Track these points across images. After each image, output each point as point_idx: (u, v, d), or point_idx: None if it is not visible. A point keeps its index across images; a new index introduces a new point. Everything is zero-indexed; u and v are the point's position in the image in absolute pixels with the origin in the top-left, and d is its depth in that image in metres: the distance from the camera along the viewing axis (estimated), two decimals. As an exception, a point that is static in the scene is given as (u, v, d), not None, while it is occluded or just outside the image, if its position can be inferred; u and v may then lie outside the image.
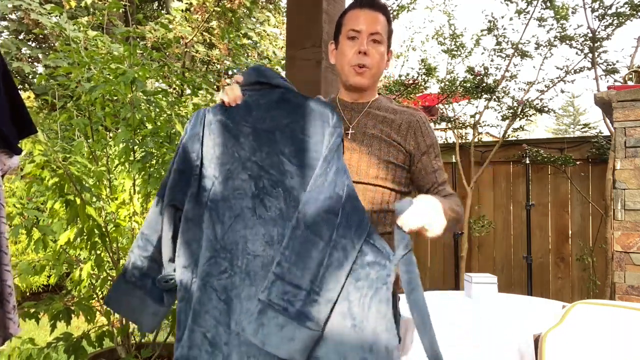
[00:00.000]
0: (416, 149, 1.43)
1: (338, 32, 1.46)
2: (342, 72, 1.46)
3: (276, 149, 1.27)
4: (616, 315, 1.73)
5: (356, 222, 1.16)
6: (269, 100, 1.31)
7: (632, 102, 2.75)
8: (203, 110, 1.36)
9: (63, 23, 2.65)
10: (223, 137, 1.31)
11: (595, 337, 1.69)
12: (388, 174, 1.41)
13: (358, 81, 1.43)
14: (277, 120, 1.29)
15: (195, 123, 1.35)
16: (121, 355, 2.53)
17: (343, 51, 1.43)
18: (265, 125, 1.29)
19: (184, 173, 1.32)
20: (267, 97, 1.31)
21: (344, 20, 1.44)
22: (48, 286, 4.64)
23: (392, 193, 1.42)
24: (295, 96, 1.31)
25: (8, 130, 1.52)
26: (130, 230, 2.51)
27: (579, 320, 1.75)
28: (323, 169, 1.21)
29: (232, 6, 6.25)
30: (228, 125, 1.31)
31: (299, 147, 1.26)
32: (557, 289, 4.10)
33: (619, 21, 3.95)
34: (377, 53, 1.41)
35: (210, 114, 1.34)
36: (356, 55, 1.40)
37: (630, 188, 2.74)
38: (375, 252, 1.15)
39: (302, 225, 1.17)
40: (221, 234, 1.27)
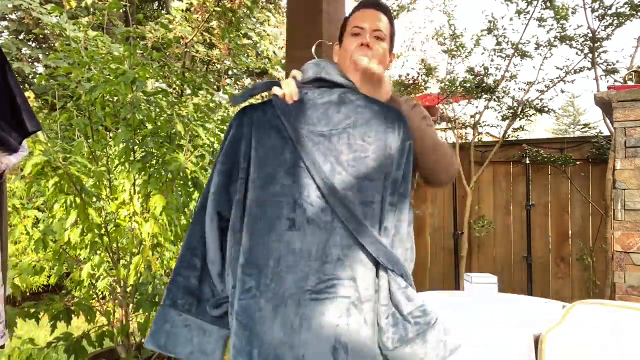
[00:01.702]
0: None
1: (342, 33, 1.48)
2: (345, 67, 1.45)
3: (330, 154, 1.13)
4: (616, 315, 1.73)
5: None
6: (328, 101, 1.18)
7: (632, 102, 2.75)
8: (251, 107, 1.23)
9: (63, 23, 2.65)
10: (270, 138, 1.16)
11: (595, 337, 1.69)
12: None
13: (359, 73, 1.42)
14: (335, 123, 1.16)
15: (242, 121, 1.21)
16: (121, 355, 2.53)
17: (346, 47, 1.43)
18: (321, 128, 1.15)
19: (229, 176, 1.19)
20: (326, 96, 1.19)
21: (348, 21, 1.47)
22: (48, 286, 4.64)
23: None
24: (357, 97, 1.20)
25: (6, 128, 1.51)
26: (130, 230, 2.51)
27: (579, 320, 1.75)
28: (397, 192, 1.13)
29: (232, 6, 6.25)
30: (278, 125, 1.17)
31: (356, 155, 1.14)
32: (557, 289, 4.10)
33: (619, 21, 3.95)
34: (380, 48, 1.42)
35: (259, 111, 1.21)
36: (358, 48, 1.40)
37: (630, 188, 2.74)
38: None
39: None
40: (250, 247, 1.12)
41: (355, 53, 1.36)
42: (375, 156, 1.13)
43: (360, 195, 1.12)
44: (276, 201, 1.13)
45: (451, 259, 4.45)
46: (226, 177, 1.19)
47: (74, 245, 2.45)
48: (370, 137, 1.14)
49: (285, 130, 1.16)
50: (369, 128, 1.15)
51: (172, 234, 2.53)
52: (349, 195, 1.11)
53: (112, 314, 2.59)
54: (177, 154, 2.42)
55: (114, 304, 2.68)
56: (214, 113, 3.03)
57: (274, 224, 1.11)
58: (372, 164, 1.13)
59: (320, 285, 1.09)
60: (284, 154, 1.15)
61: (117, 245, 2.56)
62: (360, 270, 1.11)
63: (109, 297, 2.83)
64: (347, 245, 1.10)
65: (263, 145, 1.16)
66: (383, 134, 1.15)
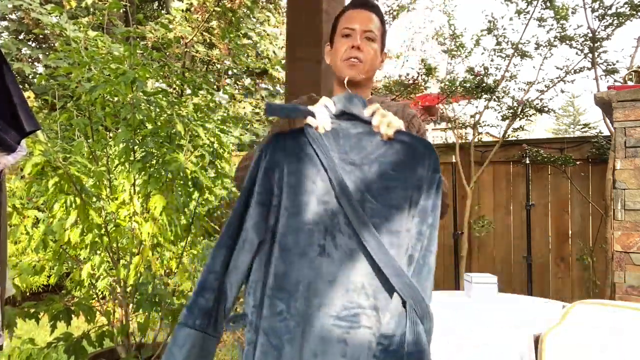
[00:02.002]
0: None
1: (333, 33, 1.49)
2: (336, 68, 1.47)
3: (361, 184, 1.16)
4: (616, 315, 1.73)
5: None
6: (361, 131, 1.20)
7: (632, 102, 2.75)
8: (282, 135, 1.25)
9: (63, 23, 2.65)
10: (302, 166, 1.20)
11: (595, 337, 1.69)
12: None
13: (351, 74, 1.44)
14: (367, 152, 1.19)
15: (275, 149, 1.23)
16: (121, 355, 2.53)
17: (337, 48, 1.45)
18: (352, 157, 1.18)
19: (267, 206, 1.21)
20: (359, 127, 1.21)
21: (338, 22, 1.48)
22: (48, 286, 4.64)
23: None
24: None
25: (3, 127, 1.51)
26: (130, 230, 2.51)
27: (579, 320, 1.75)
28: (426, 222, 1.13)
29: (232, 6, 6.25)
30: (310, 153, 1.20)
31: (386, 185, 1.16)
32: (557, 289, 4.10)
33: (619, 21, 3.95)
34: (371, 49, 1.44)
35: (290, 139, 1.23)
36: (349, 50, 1.42)
37: (630, 188, 2.74)
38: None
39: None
40: (282, 271, 1.16)
41: (346, 55, 1.40)
42: (404, 186, 1.16)
43: (388, 224, 1.14)
44: (308, 229, 1.17)
45: (451, 259, 4.45)
46: (265, 207, 1.21)
47: (74, 245, 2.44)
48: (400, 168, 1.17)
49: (317, 158, 1.19)
50: (399, 159, 1.18)
51: (172, 234, 2.53)
52: (377, 224, 1.13)
53: (112, 314, 2.58)
54: (177, 154, 2.42)
55: (114, 304, 2.68)
56: (214, 113, 3.03)
57: (306, 250, 1.15)
58: (402, 194, 1.15)
59: (344, 312, 1.12)
60: (316, 182, 1.18)
61: (117, 245, 2.56)
62: (382, 301, 1.12)
63: (109, 297, 2.83)
64: (371, 274, 1.12)
65: (295, 173, 1.20)
66: (413, 165, 1.17)
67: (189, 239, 2.76)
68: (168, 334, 2.73)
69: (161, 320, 2.69)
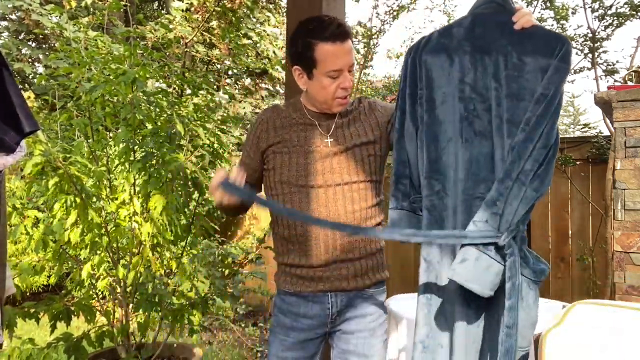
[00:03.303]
0: (380, 122, 1.56)
1: (311, 65, 1.44)
2: (324, 102, 1.50)
3: (489, 70, 1.25)
4: (616, 315, 1.73)
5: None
6: (496, 20, 1.27)
7: (632, 102, 2.75)
8: (425, 37, 1.38)
9: (63, 23, 2.65)
10: (440, 59, 1.31)
11: (595, 337, 1.69)
12: (370, 167, 1.52)
13: (341, 108, 1.51)
14: (497, 40, 1.25)
15: (417, 50, 1.36)
16: (121, 355, 2.53)
17: (324, 86, 1.45)
18: (484, 44, 1.26)
19: (413, 96, 1.36)
20: (496, 16, 1.28)
21: (317, 56, 1.41)
22: (48, 286, 4.64)
23: (377, 183, 1.55)
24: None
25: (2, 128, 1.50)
26: (130, 230, 2.51)
27: (579, 320, 1.75)
28: (540, 109, 1.18)
29: (232, 6, 6.25)
30: (447, 45, 1.31)
31: (512, 73, 1.22)
32: (557, 289, 4.10)
33: (619, 21, 3.95)
34: (352, 77, 1.49)
35: (434, 37, 1.35)
36: (339, 90, 1.45)
37: (630, 188, 2.74)
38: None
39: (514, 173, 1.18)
40: (435, 157, 1.29)
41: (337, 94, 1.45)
42: (529, 76, 1.22)
43: (512, 110, 1.22)
44: (450, 117, 1.28)
45: (451, 259, 4.45)
46: (412, 99, 1.36)
47: (74, 245, 2.44)
48: (526, 57, 1.22)
49: (452, 48, 1.30)
50: (527, 48, 1.23)
51: (172, 234, 2.52)
52: (502, 111, 1.23)
53: (112, 314, 2.58)
54: (177, 154, 2.42)
55: (114, 304, 2.68)
56: (214, 113, 3.03)
57: (450, 138, 1.28)
58: (525, 84, 1.21)
59: (479, 193, 1.24)
60: (452, 72, 1.29)
61: (117, 245, 2.56)
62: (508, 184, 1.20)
63: (109, 297, 2.83)
64: (502, 159, 1.22)
65: (434, 67, 1.31)
66: (541, 56, 1.21)
67: (189, 239, 2.76)
68: (168, 334, 2.73)
69: (161, 320, 2.69)
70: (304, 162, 1.48)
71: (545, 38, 1.22)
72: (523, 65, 1.21)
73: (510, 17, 1.26)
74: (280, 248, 1.56)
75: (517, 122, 1.20)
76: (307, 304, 1.51)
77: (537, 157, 1.18)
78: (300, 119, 1.54)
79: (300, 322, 1.52)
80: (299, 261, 1.50)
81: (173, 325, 2.66)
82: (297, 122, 1.53)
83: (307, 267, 1.49)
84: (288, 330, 1.53)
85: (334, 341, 1.58)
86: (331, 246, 1.48)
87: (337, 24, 1.41)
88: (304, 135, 1.51)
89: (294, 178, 1.48)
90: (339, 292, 1.50)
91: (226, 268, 3.27)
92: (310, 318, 1.52)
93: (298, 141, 1.50)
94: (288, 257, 1.53)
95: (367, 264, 1.51)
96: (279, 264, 1.59)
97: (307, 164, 1.48)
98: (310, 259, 1.48)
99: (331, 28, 1.40)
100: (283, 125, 1.53)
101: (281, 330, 1.54)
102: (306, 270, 1.50)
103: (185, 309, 2.64)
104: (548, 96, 1.18)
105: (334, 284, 1.49)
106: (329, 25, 1.40)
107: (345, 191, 1.48)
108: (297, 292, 1.52)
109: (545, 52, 1.20)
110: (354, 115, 1.56)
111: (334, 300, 1.50)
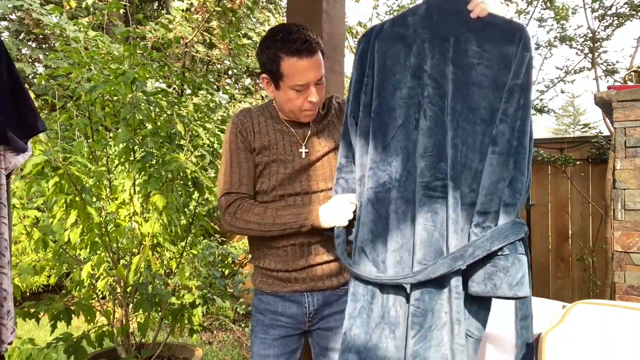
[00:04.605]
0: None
1: (277, 77, 1.43)
2: (291, 112, 1.50)
3: (448, 56, 1.21)
4: (616, 315, 1.73)
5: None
6: (453, 8, 1.25)
7: (632, 102, 2.75)
8: (376, 26, 1.35)
9: (63, 23, 2.65)
10: (396, 47, 1.28)
11: (595, 337, 1.69)
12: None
13: (309, 120, 1.52)
14: (456, 27, 1.22)
15: (369, 39, 1.34)
16: (121, 355, 2.53)
17: (289, 99, 1.45)
18: (443, 31, 1.24)
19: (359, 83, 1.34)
20: (452, 4, 1.26)
21: (282, 69, 1.40)
22: (48, 286, 4.64)
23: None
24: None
25: (14, 128, 1.51)
26: (130, 230, 2.51)
27: (579, 320, 1.75)
28: (518, 98, 1.15)
29: (232, 6, 6.25)
30: (404, 35, 1.28)
31: (471, 61, 1.20)
32: (557, 289, 4.10)
33: (619, 21, 3.96)
34: (322, 90, 1.47)
35: (387, 26, 1.32)
36: (306, 104, 1.45)
37: (630, 188, 2.74)
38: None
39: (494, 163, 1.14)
40: (382, 145, 1.25)
41: (303, 107, 1.44)
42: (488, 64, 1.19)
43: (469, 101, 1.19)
44: (403, 103, 1.24)
45: (451, 259, 4.45)
46: (357, 85, 1.34)
47: (74, 245, 2.44)
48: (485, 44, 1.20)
49: (409, 37, 1.27)
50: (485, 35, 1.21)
51: (172, 234, 2.52)
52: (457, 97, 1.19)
53: (112, 314, 2.58)
54: (177, 154, 2.41)
55: (114, 304, 2.68)
56: (214, 113, 3.03)
57: (402, 124, 1.24)
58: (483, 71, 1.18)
59: (435, 182, 1.18)
60: (409, 59, 1.25)
61: (117, 245, 2.56)
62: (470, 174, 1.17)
63: (109, 297, 2.83)
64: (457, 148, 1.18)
65: (389, 55, 1.28)
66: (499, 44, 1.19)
67: (189, 239, 2.76)
68: (168, 334, 2.73)
69: (161, 320, 2.69)
70: (283, 172, 1.49)
71: (503, 26, 1.20)
72: (482, 53, 1.18)
73: (466, 6, 1.24)
74: (255, 252, 1.57)
75: (476, 108, 1.18)
76: (284, 303, 1.53)
77: (526, 146, 1.16)
78: (277, 125, 1.53)
79: (279, 320, 1.54)
80: (274, 266, 1.51)
81: (173, 325, 2.66)
82: (273, 129, 1.52)
83: (282, 271, 1.51)
84: (267, 328, 1.55)
85: (314, 339, 1.60)
86: (306, 250, 1.49)
87: (303, 39, 1.37)
88: (281, 143, 1.51)
89: (272, 187, 1.49)
90: (315, 291, 1.53)
91: (226, 268, 3.27)
92: (288, 317, 1.54)
93: (277, 149, 1.50)
94: (264, 261, 1.54)
95: (342, 264, 1.50)
96: (255, 266, 1.60)
97: (285, 173, 1.49)
98: (287, 264, 1.50)
99: (297, 43, 1.37)
100: (261, 131, 1.52)
101: (261, 329, 1.55)
102: (282, 273, 1.52)
103: (185, 309, 2.64)
104: (523, 86, 1.16)
105: (309, 284, 1.51)
106: (296, 39, 1.37)
107: (321, 198, 1.49)
108: (274, 292, 1.54)
109: (504, 39, 1.18)
110: (327, 121, 1.56)
111: (310, 299, 1.53)
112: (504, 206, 1.14)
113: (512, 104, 1.15)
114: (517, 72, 1.16)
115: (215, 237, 4.11)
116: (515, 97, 1.15)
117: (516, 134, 1.15)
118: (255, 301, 1.59)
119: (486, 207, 1.14)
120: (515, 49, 1.17)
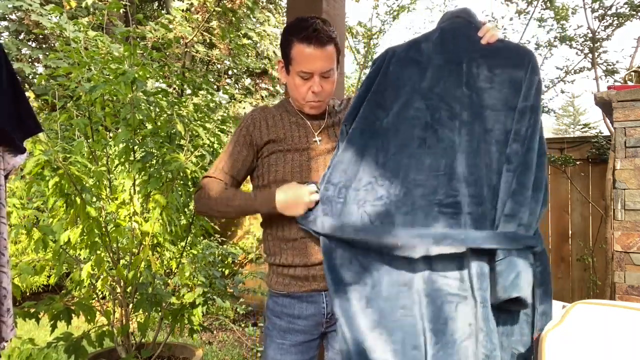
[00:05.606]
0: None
1: (288, 61, 1.49)
2: (296, 101, 1.55)
3: (460, 81, 1.26)
4: (616, 315, 1.73)
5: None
6: (465, 33, 1.31)
7: (632, 102, 2.75)
8: (392, 49, 1.40)
9: (63, 23, 2.64)
10: (409, 71, 1.33)
11: (595, 337, 1.69)
12: None
13: (313, 112, 1.55)
14: (468, 51, 1.28)
15: (382, 61, 1.39)
16: (121, 355, 2.53)
17: (295, 85, 1.48)
18: (456, 55, 1.29)
19: (361, 98, 1.39)
20: (464, 30, 1.32)
21: (292, 54, 1.45)
22: (48, 286, 4.64)
23: None
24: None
25: (13, 129, 1.52)
26: (130, 230, 2.51)
27: (579, 320, 1.75)
28: (529, 119, 1.19)
29: (232, 6, 6.25)
30: (418, 59, 1.33)
31: (483, 85, 1.25)
32: (557, 289, 4.10)
33: (619, 21, 3.96)
34: (329, 85, 1.49)
35: (401, 51, 1.38)
36: (310, 94, 1.47)
37: (630, 188, 2.74)
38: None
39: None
40: (382, 161, 1.29)
41: (307, 98, 1.47)
42: (500, 87, 1.24)
43: (481, 120, 1.23)
44: (409, 124, 1.29)
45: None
46: (359, 102, 1.40)
47: (73, 245, 2.44)
48: (496, 68, 1.26)
49: (423, 62, 1.32)
50: (497, 60, 1.27)
51: (172, 234, 2.52)
52: (471, 119, 1.24)
53: (112, 314, 2.58)
54: (177, 154, 2.41)
55: (114, 304, 2.68)
56: (214, 113, 3.02)
57: (406, 144, 1.28)
58: (496, 95, 1.24)
59: (447, 199, 1.22)
60: (420, 82, 1.30)
61: (117, 245, 2.56)
62: (485, 190, 1.21)
63: (109, 297, 2.83)
64: (470, 165, 1.22)
65: (400, 77, 1.34)
66: (510, 68, 1.25)
67: (189, 239, 2.76)
68: (168, 334, 2.73)
69: (161, 320, 2.69)
70: (299, 160, 1.50)
71: (513, 51, 1.27)
72: (493, 77, 1.24)
73: (477, 32, 1.31)
74: (272, 248, 1.55)
75: (491, 130, 1.23)
76: (301, 305, 1.50)
77: (540, 165, 1.20)
78: (293, 117, 1.56)
79: (296, 324, 1.50)
80: (292, 261, 1.49)
81: (173, 325, 2.65)
82: (289, 121, 1.55)
83: (301, 267, 1.48)
84: (284, 333, 1.51)
85: (329, 342, 1.57)
86: None
87: (314, 27, 1.41)
88: (297, 134, 1.53)
89: (289, 176, 1.49)
90: None
91: (226, 268, 3.27)
92: (305, 319, 1.50)
93: (292, 140, 1.52)
94: (281, 257, 1.51)
95: None
96: (270, 265, 1.57)
97: (301, 161, 1.50)
98: (305, 258, 1.47)
99: (309, 30, 1.41)
100: (276, 124, 1.54)
101: (278, 334, 1.51)
102: (300, 269, 1.49)
103: (185, 309, 2.64)
104: (534, 107, 1.21)
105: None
106: (308, 27, 1.42)
107: None
108: (290, 293, 1.51)
109: (514, 64, 1.24)
110: (342, 115, 1.60)
111: (328, 299, 1.49)
112: (504, 216, 1.18)
113: (524, 124, 1.20)
114: (527, 94, 1.21)
115: (215, 237, 4.11)
116: (526, 118, 1.20)
117: (522, 151, 1.20)
118: (270, 303, 1.56)
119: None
120: (524, 73, 1.23)
